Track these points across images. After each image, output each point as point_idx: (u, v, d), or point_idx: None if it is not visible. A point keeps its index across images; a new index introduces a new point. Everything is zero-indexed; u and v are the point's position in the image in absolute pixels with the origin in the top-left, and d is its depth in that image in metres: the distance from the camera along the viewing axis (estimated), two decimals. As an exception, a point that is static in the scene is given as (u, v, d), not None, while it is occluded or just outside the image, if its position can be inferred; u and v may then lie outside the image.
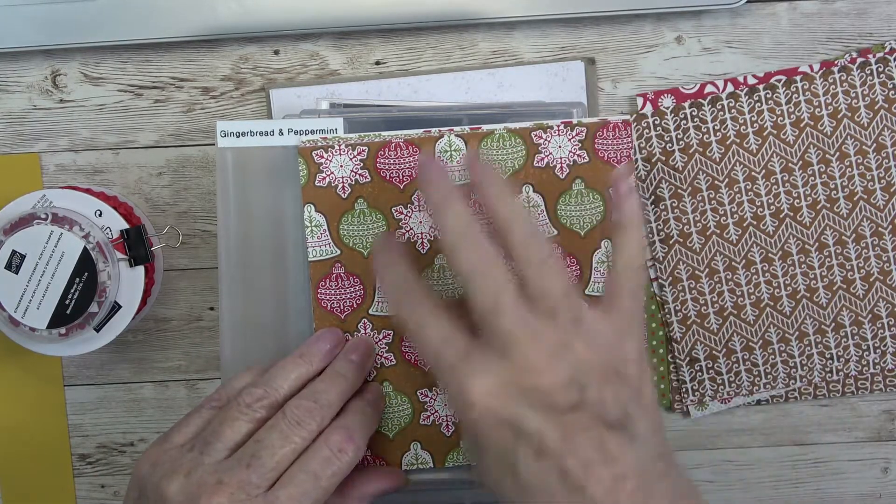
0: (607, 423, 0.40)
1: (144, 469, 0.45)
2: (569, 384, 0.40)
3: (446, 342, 0.42)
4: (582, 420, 0.39)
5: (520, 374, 0.40)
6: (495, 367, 0.40)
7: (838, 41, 0.57)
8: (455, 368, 0.41)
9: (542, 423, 0.39)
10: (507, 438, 0.39)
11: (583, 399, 0.40)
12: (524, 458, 0.39)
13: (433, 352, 0.42)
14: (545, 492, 0.39)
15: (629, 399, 0.41)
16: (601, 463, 0.39)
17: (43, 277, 0.52)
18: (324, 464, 0.44)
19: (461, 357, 0.41)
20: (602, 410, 0.40)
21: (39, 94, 0.58)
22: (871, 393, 0.59)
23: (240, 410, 0.45)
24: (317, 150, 0.51)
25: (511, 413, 0.39)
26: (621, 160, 0.51)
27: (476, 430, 0.40)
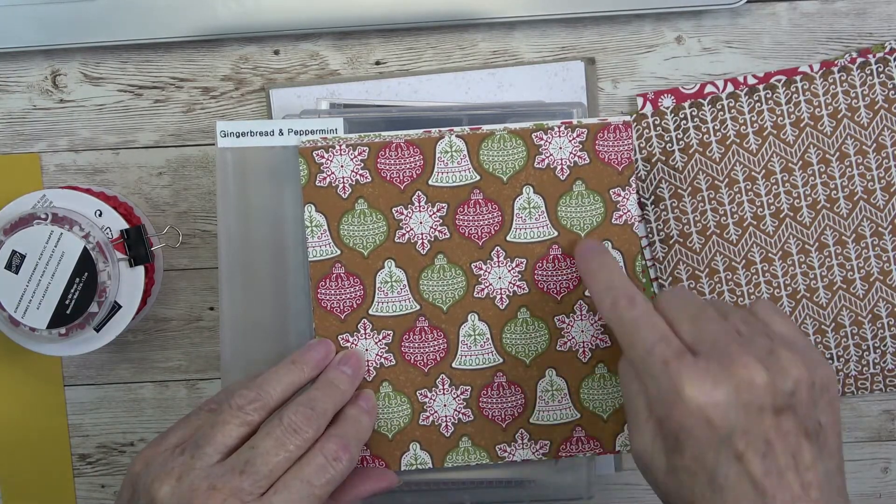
0: (806, 431, 0.40)
1: (137, 469, 0.45)
2: (779, 387, 0.40)
3: (662, 340, 0.42)
4: (786, 425, 0.40)
5: (734, 373, 0.40)
6: (710, 368, 0.41)
7: (838, 41, 0.57)
8: (669, 364, 0.41)
9: (750, 425, 0.40)
10: (712, 439, 0.40)
11: (790, 404, 0.40)
12: (725, 459, 0.40)
13: (647, 347, 0.42)
14: (736, 494, 0.40)
15: (824, 410, 0.42)
16: (794, 470, 0.40)
17: (43, 277, 0.52)
18: (318, 471, 0.44)
19: (676, 355, 0.41)
20: (805, 418, 0.41)
21: (39, 94, 0.58)
22: (871, 393, 0.59)
23: (231, 414, 0.45)
24: (317, 150, 0.51)
25: (723, 416, 0.40)
26: (622, 161, 0.51)
27: (680, 427, 0.40)
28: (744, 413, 0.40)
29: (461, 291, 0.51)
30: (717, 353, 0.41)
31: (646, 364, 0.42)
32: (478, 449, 0.52)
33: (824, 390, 0.42)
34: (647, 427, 0.43)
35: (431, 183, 0.51)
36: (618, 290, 0.45)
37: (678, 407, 0.40)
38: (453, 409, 0.52)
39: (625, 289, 0.45)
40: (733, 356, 0.41)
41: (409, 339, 0.51)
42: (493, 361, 0.51)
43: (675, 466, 0.41)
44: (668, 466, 0.42)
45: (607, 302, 0.45)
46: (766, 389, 0.40)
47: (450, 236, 0.51)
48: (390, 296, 0.51)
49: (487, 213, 0.51)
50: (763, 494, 0.39)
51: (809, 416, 0.41)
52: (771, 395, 0.40)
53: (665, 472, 0.42)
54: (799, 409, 0.41)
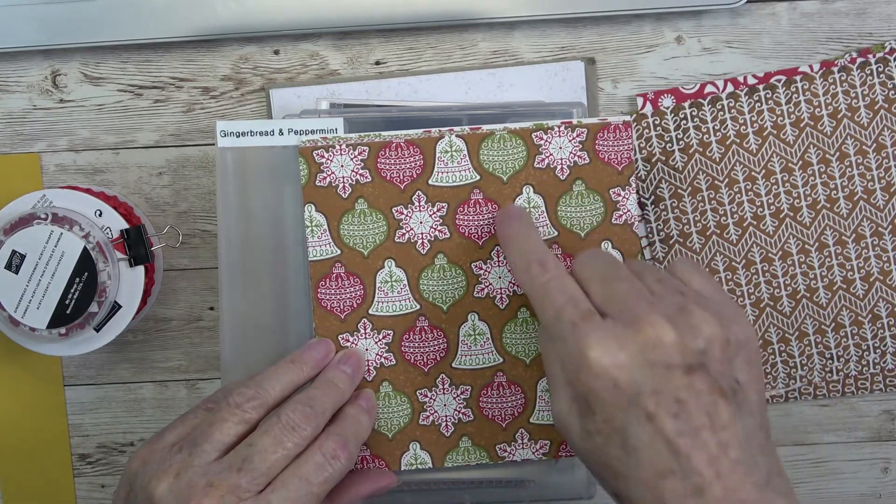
0: (721, 389, 0.40)
1: (135, 466, 0.45)
2: (689, 345, 0.40)
3: (571, 302, 0.42)
4: (697, 384, 0.39)
5: (640, 332, 0.40)
6: (616, 329, 0.40)
7: (838, 41, 0.57)
8: (576, 326, 0.41)
9: (659, 384, 0.39)
10: (620, 400, 0.39)
11: (701, 362, 0.40)
12: (635, 420, 0.39)
13: (557, 310, 0.42)
14: (650, 455, 0.39)
15: (741, 368, 0.41)
16: (709, 429, 0.39)
17: (43, 277, 0.52)
18: (317, 470, 0.44)
19: (584, 316, 0.41)
20: (719, 376, 0.40)
21: (39, 94, 0.58)
22: (871, 393, 0.59)
23: (229, 411, 0.45)
24: (317, 150, 0.51)
25: (629, 376, 0.39)
26: (622, 161, 0.51)
27: (588, 389, 0.40)
28: (651, 373, 0.39)
29: (461, 291, 0.51)
30: (624, 313, 0.41)
31: (555, 328, 0.42)
32: (478, 449, 0.52)
33: (741, 347, 0.41)
34: (563, 393, 0.42)
35: (431, 183, 0.51)
36: (531, 254, 0.45)
37: (584, 370, 0.40)
38: (453, 408, 0.52)
39: (537, 254, 0.45)
40: (640, 315, 0.40)
41: (409, 339, 0.51)
42: (493, 361, 0.51)
43: (589, 430, 0.41)
44: (583, 430, 0.41)
45: (520, 267, 0.45)
46: (674, 348, 0.39)
47: (450, 236, 0.51)
48: (390, 295, 0.51)
49: (488, 213, 0.51)
50: (677, 454, 0.39)
51: (724, 374, 0.40)
52: (680, 354, 0.40)
53: (580, 435, 0.41)
54: (712, 366, 0.40)
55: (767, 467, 0.40)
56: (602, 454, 0.41)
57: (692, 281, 0.44)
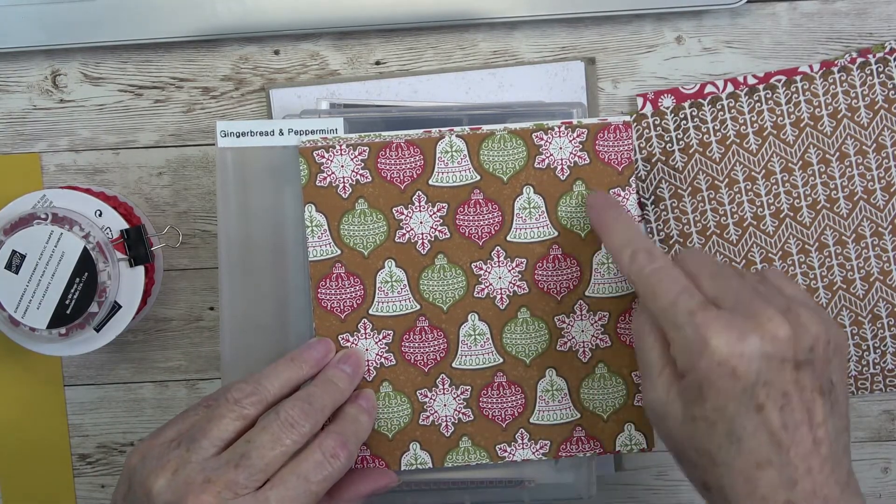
0: (821, 388, 0.41)
1: (134, 462, 0.45)
2: (801, 342, 0.41)
3: (686, 291, 0.43)
4: (804, 380, 0.41)
5: (760, 325, 0.41)
6: (736, 320, 0.41)
7: (838, 41, 0.57)
8: (694, 314, 0.41)
9: (771, 377, 0.40)
10: (735, 389, 0.40)
11: (809, 359, 0.41)
12: (745, 409, 0.40)
13: (671, 299, 0.42)
14: (752, 445, 0.40)
15: (836, 369, 0.42)
16: (808, 425, 0.40)
17: (43, 277, 0.52)
18: (316, 468, 0.44)
19: (701, 306, 0.42)
20: (820, 374, 0.41)
21: (39, 94, 0.58)
22: (871, 393, 0.59)
23: (228, 407, 0.45)
24: (318, 150, 0.51)
25: (747, 367, 0.40)
26: (622, 162, 0.51)
27: (705, 377, 0.41)
28: (767, 365, 0.40)
29: (461, 291, 0.51)
30: (741, 306, 0.42)
31: (670, 314, 0.42)
32: (478, 449, 0.52)
33: (838, 350, 0.43)
34: (660, 380, 0.43)
35: (432, 183, 0.51)
36: (636, 243, 0.45)
37: (704, 357, 0.40)
38: (453, 408, 0.52)
39: (643, 242, 0.45)
40: (758, 309, 0.41)
41: (410, 339, 0.51)
42: (493, 361, 0.51)
43: (694, 416, 0.41)
44: (686, 416, 0.42)
45: (626, 256, 0.45)
46: (788, 343, 0.41)
47: (450, 236, 0.51)
48: (390, 296, 0.51)
49: (488, 213, 0.51)
50: (778, 446, 0.40)
51: (824, 374, 0.42)
52: (793, 349, 0.41)
53: (682, 421, 0.42)
54: (816, 365, 0.41)
55: (848, 468, 0.41)
56: (704, 441, 0.41)
57: (785, 288, 0.45)
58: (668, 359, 0.43)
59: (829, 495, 0.40)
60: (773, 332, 0.40)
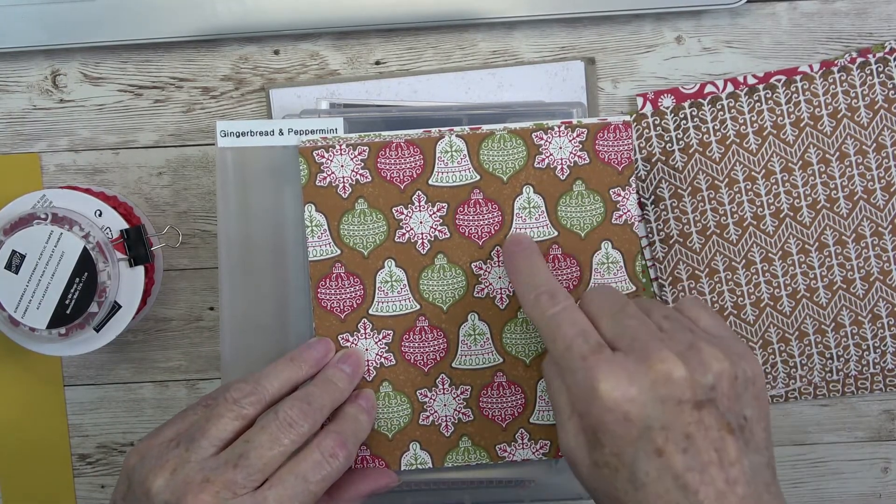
0: (729, 425, 0.40)
1: (133, 461, 0.45)
2: (699, 381, 0.40)
3: (581, 335, 0.42)
4: (706, 419, 0.40)
5: (651, 367, 0.40)
6: (627, 363, 0.40)
7: (838, 41, 0.57)
8: (587, 359, 0.41)
9: (669, 419, 0.39)
10: (630, 434, 0.40)
11: (710, 398, 0.40)
12: (644, 454, 0.39)
13: (567, 343, 0.42)
14: (658, 490, 0.39)
15: (749, 403, 0.41)
16: (717, 465, 0.39)
17: (43, 277, 0.52)
18: (314, 468, 0.44)
19: (594, 350, 0.41)
20: (727, 411, 0.40)
21: (39, 94, 0.58)
22: (871, 393, 0.59)
23: (226, 407, 0.45)
24: (318, 150, 0.51)
25: (639, 409, 0.39)
26: (622, 161, 0.51)
27: (598, 422, 0.40)
28: (662, 407, 0.39)
29: (461, 291, 0.51)
30: (635, 348, 0.41)
31: (565, 360, 0.42)
32: (478, 449, 0.52)
33: (749, 383, 0.41)
34: (570, 424, 0.42)
35: (431, 183, 0.51)
36: (540, 287, 0.45)
37: (595, 403, 0.40)
38: (453, 408, 0.52)
39: (547, 286, 0.45)
40: (651, 350, 0.40)
41: (409, 339, 0.51)
42: (493, 361, 0.51)
43: (597, 462, 0.41)
44: (591, 462, 0.41)
45: (530, 299, 0.45)
46: (684, 383, 0.40)
47: (450, 236, 0.51)
48: (390, 295, 0.51)
49: (487, 213, 0.51)
50: (685, 489, 0.39)
51: (732, 410, 0.40)
52: (690, 389, 0.40)
53: (589, 467, 0.41)
54: (721, 402, 0.40)
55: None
56: (610, 487, 0.41)
57: (700, 319, 0.44)
58: (573, 405, 0.42)
59: None
60: (666, 373, 0.40)
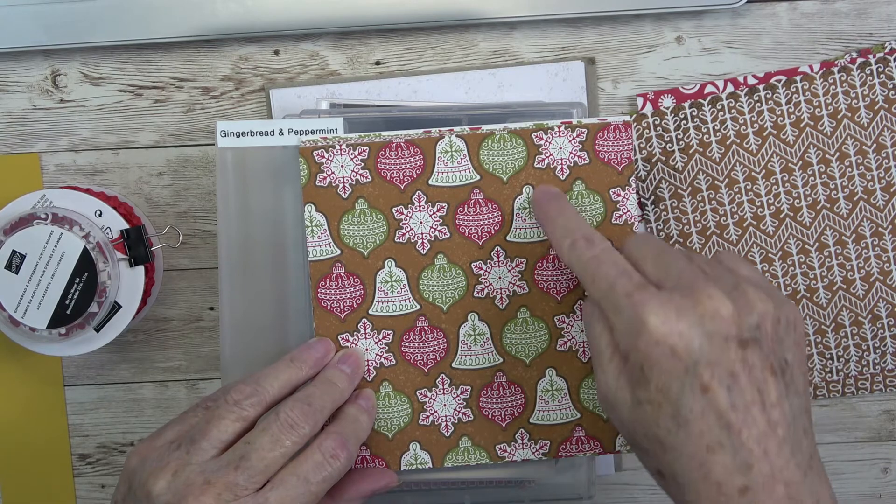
0: (772, 367, 0.40)
1: (133, 464, 0.45)
2: (745, 319, 0.40)
3: (624, 273, 0.42)
4: (751, 358, 0.39)
5: (699, 303, 0.40)
6: (674, 298, 0.40)
7: (838, 41, 0.57)
8: (632, 296, 0.41)
9: (715, 355, 0.39)
10: (677, 368, 0.39)
11: (755, 337, 0.40)
12: (690, 390, 0.39)
13: (610, 282, 0.42)
14: (700, 427, 0.39)
15: (791, 348, 0.41)
16: (759, 406, 0.39)
17: (43, 277, 0.52)
18: (316, 469, 0.44)
19: (639, 286, 0.41)
20: (770, 353, 0.40)
21: (39, 94, 0.58)
22: (871, 393, 0.59)
23: (227, 409, 0.45)
24: (318, 150, 0.51)
25: (687, 343, 0.39)
26: (622, 161, 0.51)
27: (645, 357, 0.40)
28: (709, 343, 0.39)
29: (461, 291, 0.51)
30: (681, 285, 0.41)
31: (609, 299, 0.42)
32: (478, 449, 0.52)
33: (791, 328, 0.41)
34: (610, 366, 0.42)
35: (431, 183, 0.51)
36: (576, 232, 0.45)
37: (643, 337, 0.40)
38: (453, 408, 0.52)
39: (582, 230, 0.45)
40: (698, 287, 0.40)
41: (409, 339, 0.51)
42: (493, 361, 0.51)
43: (640, 400, 0.41)
44: (633, 400, 0.41)
45: (566, 244, 0.45)
46: (731, 320, 0.40)
47: (450, 236, 0.51)
48: (390, 296, 0.51)
49: (487, 213, 0.51)
50: (728, 428, 0.39)
51: (775, 352, 0.40)
52: (736, 327, 0.40)
53: (630, 407, 0.41)
54: (764, 343, 0.40)
55: (810, 450, 0.40)
56: (651, 425, 0.40)
57: (739, 269, 0.44)
58: (615, 345, 0.42)
59: (790, 479, 0.39)
60: (713, 308, 0.40)
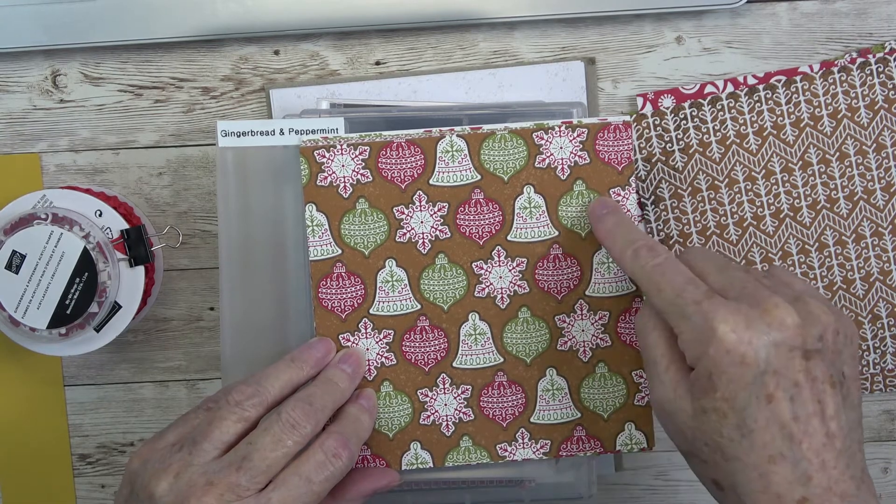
0: (832, 379, 0.40)
1: (135, 466, 0.45)
2: (809, 330, 0.40)
3: (691, 283, 0.42)
4: (814, 370, 0.40)
5: (767, 313, 0.40)
6: (742, 308, 0.41)
7: (838, 41, 0.57)
8: (700, 304, 0.41)
9: (781, 365, 0.40)
10: (745, 378, 0.40)
11: (818, 349, 0.40)
12: (756, 399, 0.40)
13: (677, 290, 0.42)
14: (764, 438, 0.40)
15: (849, 360, 0.42)
16: (819, 417, 0.40)
17: (43, 277, 0.52)
18: (318, 468, 0.44)
19: (707, 295, 0.42)
20: (830, 365, 0.41)
21: (39, 94, 0.58)
22: (871, 393, 0.59)
23: (229, 409, 0.45)
24: (318, 150, 0.51)
25: (755, 352, 0.40)
26: (622, 161, 0.51)
27: (715, 364, 0.40)
28: (776, 352, 0.40)
29: (462, 291, 0.51)
30: (746, 296, 0.41)
31: (676, 306, 0.42)
32: (478, 448, 0.52)
33: (849, 341, 0.42)
34: (667, 375, 0.43)
35: (432, 182, 0.51)
36: (638, 241, 0.46)
37: (713, 345, 0.40)
38: (454, 408, 0.52)
39: (644, 240, 0.46)
40: (764, 297, 0.41)
41: (410, 339, 0.51)
42: (493, 361, 0.51)
43: (704, 408, 0.41)
44: (696, 409, 0.41)
45: (628, 254, 0.45)
46: (796, 331, 0.40)
47: (451, 236, 0.51)
48: (391, 295, 0.51)
49: (488, 213, 0.51)
50: (790, 439, 0.39)
51: (835, 365, 0.41)
52: (801, 337, 0.40)
53: (691, 416, 0.42)
54: (826, 355, 0.41)
55: (862, 463, 0.41)
56: (714, 434, 0.41)
57: (794, 283, 0.45)
58: (674, 354, 0.43)
59: (846, 492, 0.39)
60: (780, 319, 0.40)
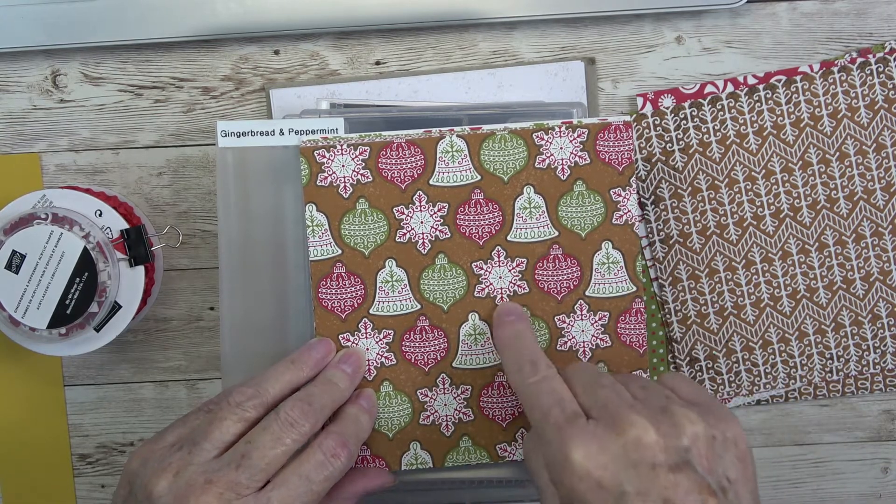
0: (709, 487, 0.39)
1: (134, 466, 0.45)
2: (672, 443, 0.40)
3: (559, 403, 0.42)
4: (683, 483, 0.39)
5: (622, 433, 0.40)
6: (598, 431, 0.40)
7: (838, 41, 0.57)
8: (561, 429, 0.41)
9: (644, 484, 0.39)
10: (605, 501, 0.39)
11: (686, 460, 0.40)
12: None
13: (544, 412, 0.42)
14: None
15: (732, 466, 0.41)
16: None
17: (43, 277, 0.52)
18: (317, 468, 0.44)
19: (569, 419, 0.41)
20: (707, 473, 0.40)
21: (39, 94, 0.58)
22: (871, 393, 0.59)
23: (229, 410, 0.45)
24: (319, 150, 0.51)
25: (612, 477, 0.39)
26: (622, 161, 0.51)
27: (573, 491, 0.40)
28: (635, 472, 0.39)
29: (462, 291, 0.51)
30: (605, 415, 0.41)
31: (542, 428, 0.42)
32: (478, 448, 0.52)
33: (730, 444, 0.41)
34: (549, 494, 0.42)
35: (432, 183, 0.51)
36: (523, 356, 0.46)
37: (567, 472, 0.40)
38: (454, 408, 0.52)
39: (530, 354, 0.46)
40: (620, 417, 0.40)
41: (410, 339, 0.51)
42: (493, 361, 0.51)
43: None
44: None
45: (513, 368, 0.46)
46: (656, 446, 0.39)
47: (450, 236, 0.51)
48: (391, 295, 0.51)
49: (488, 213, 0.51)
50: None
51: (713, 472, 0.40)
52: (664, 452, 0.39)
53: None
54: (699, 464, 0.40)
55: None
56: None
57: (680, 389, 0.44)
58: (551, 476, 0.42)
59: None
60: (636, 437, 0.39)
